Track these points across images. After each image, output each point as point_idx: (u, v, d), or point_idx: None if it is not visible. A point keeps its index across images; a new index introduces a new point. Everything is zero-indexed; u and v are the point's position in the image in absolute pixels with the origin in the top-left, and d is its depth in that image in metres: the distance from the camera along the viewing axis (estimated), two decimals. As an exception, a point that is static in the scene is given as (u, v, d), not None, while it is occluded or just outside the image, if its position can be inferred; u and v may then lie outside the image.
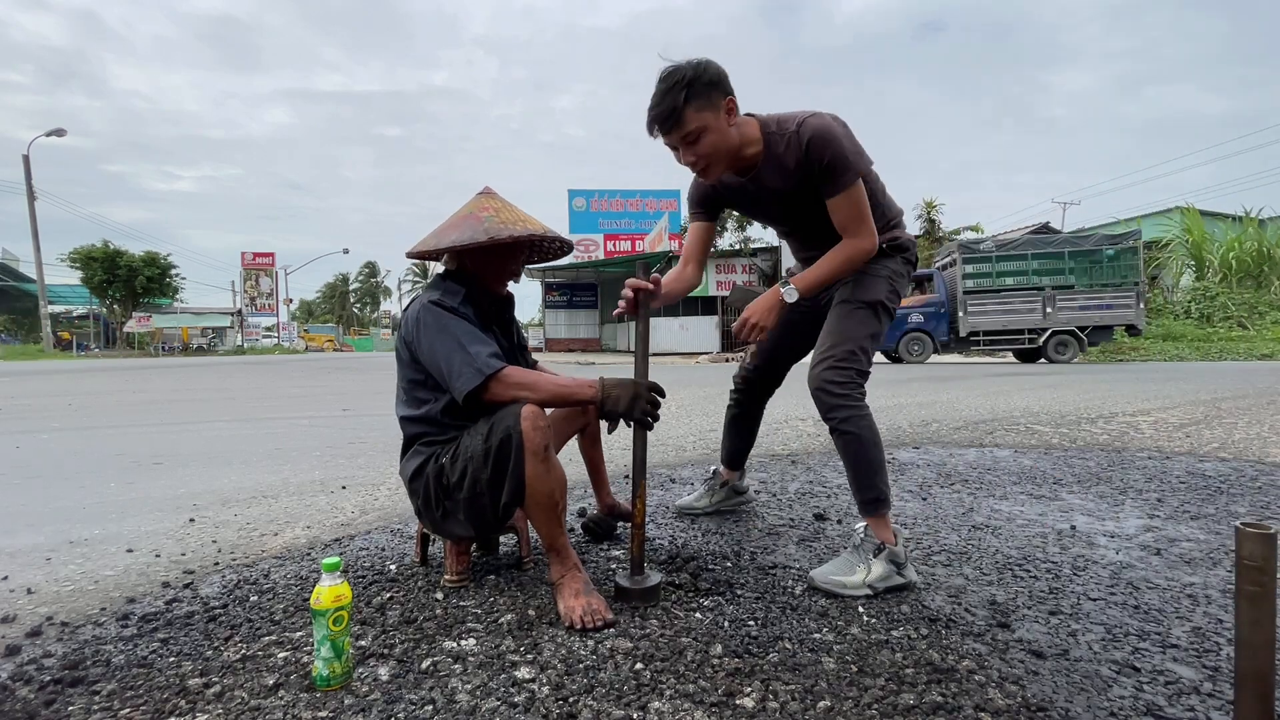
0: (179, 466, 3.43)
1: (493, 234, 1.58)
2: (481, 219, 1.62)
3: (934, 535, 2.10)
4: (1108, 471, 3.03)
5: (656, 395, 1.57)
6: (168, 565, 1.93)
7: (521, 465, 1.46)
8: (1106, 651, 1.33)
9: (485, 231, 1.58)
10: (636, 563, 1.60)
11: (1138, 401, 5.72)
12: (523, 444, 1.45)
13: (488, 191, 1.74)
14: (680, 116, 1.56)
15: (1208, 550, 1.93)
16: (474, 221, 1.62)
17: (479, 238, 1.57)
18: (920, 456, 3.44)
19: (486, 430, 1.50)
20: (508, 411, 1.49)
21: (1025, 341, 13.94)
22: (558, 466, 1.52)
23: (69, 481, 3.11)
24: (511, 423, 1.46)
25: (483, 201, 1.69)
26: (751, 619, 1.47)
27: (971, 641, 1.37)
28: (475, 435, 1.52)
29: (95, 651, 1.37)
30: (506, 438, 1.46)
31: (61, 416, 5.75)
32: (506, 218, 1.64)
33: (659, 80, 1.57)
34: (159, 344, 35.48)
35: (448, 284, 1.67)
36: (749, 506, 2.47)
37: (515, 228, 1.61)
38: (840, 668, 1.25)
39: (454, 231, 1.62)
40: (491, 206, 1.67)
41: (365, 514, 2.48)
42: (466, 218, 1.65)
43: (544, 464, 1.47)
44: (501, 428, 1.47)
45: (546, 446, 1.47)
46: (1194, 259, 21.21)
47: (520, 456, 1.45)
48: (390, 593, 1.65)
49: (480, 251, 1.65)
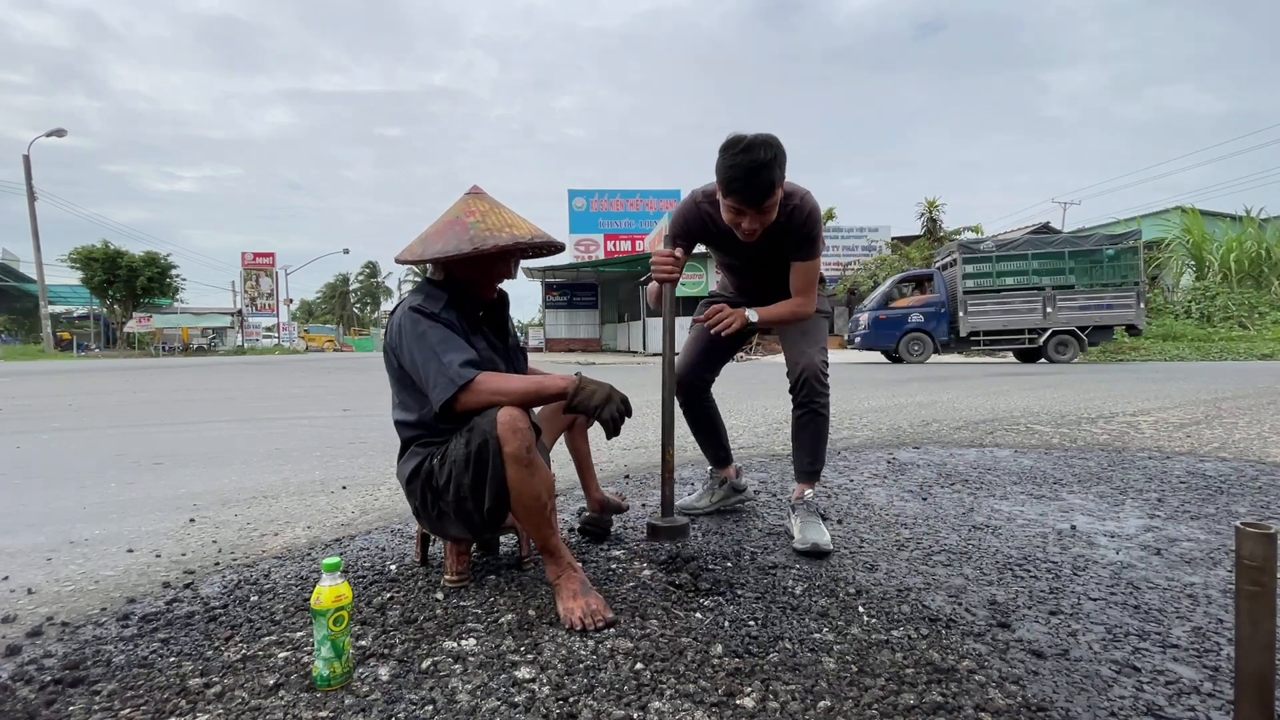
0: (179, 467, 3.44)
1: (477, 244, 1.54)
2: (467, 225, 1.58)
3: (934, 535, 2.10)
4: (1108, 471, 3.03)
5: (625, 409, 1.57)
6: (168, 565, 1.93)
7: (501, 470, 1.44)
8: (1107, 651, 1.33)
9: (470, 241, 1.54)
10: (667, 503, 1.87)
11: (1138, 401, 5.72)
12: (500, 449, 1.43)
13: (476, 192, 1.69)
14: (773, 191, 1.74)
15: (1208, 550, 1.93)
16: (459, 229, 1.58)
17: (463, 248, 1.54)
18: (921, 456, 3.44)
19: (467, 435, 1.49)
20: (485, 416, 1.47)
21: (1025, 341, 13.94)
22: (543, 468, 1.49)
23: (69, 481, 3.11)
24: (488, 427, 1.44)
25: (470, 204, 1.65)
26: (752, 619, 1.47)
27: (972, 641, 1.37)
28: (459, 439, 1.51)
29: (96, 652, 1.37)
30: (484, 443, 1.44)
31: (62, 417, 5.76)
32: (493, 222, 1.60)
33: (740, 151, 1.69)
34: (159, 344, 35.49)
35: (431, 289, 1.64)
36: (749, 506, 2.47)
37: (501, 235, 1.57)
38: (840, 668, 1.25)
39: (438, 241, 1.59)
40: (479, 210, 1.63)
41: (365, 514, 2.48)
42: (452, 223, 1.61)
43: (526, 468, 1.44)
44: (478, 432, 1.46)
45: (528, 449, 1.43)
46: (1194, 259, 21.21)
47: (499, 461, 1.43)
48: (390, 593, 1.65)
49: (465, 261, 1.61)
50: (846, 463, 3.31)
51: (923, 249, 22.75)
